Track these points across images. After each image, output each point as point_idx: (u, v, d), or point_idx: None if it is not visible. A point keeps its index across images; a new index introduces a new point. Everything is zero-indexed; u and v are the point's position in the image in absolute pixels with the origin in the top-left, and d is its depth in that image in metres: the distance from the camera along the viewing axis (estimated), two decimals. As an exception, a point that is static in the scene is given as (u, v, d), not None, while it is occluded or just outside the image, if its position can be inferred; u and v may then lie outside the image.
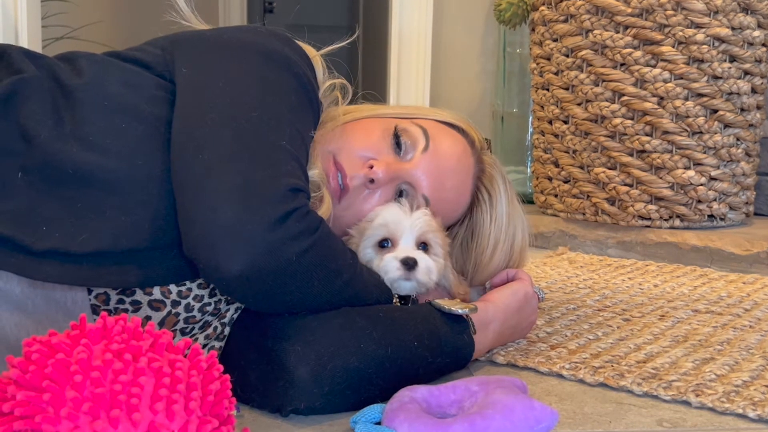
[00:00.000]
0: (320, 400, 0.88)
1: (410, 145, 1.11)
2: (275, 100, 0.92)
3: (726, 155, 2.10)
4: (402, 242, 1.05)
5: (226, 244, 0.79)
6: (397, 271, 1.03)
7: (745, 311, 1.46)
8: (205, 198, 0.81)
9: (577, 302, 1.49)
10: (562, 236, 2.19)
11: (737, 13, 2.04)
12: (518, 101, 2.90)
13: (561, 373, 1.08)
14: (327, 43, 1.14)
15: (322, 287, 0.88)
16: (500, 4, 2.64)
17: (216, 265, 0.80)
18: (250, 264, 0.80)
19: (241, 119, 0.88)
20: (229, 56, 0.96)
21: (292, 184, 0.84)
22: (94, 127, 0.87)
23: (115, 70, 0.95)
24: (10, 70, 0.90)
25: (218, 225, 0.79)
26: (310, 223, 0.85)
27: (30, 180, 0.82)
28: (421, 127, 1.13)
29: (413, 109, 1.21)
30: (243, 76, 0.93)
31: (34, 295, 0.82)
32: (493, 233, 1.19)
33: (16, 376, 0.62)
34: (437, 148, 1.12)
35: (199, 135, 0.87)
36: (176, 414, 0.62)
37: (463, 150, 1.17)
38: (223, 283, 0.83)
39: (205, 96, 0.91)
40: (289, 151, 0.88)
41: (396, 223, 1.03)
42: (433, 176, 1.11)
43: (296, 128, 0.92)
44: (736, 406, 0.97)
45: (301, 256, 0.83)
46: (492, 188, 1.19)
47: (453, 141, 1.16)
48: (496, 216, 1.19)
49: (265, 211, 0.80)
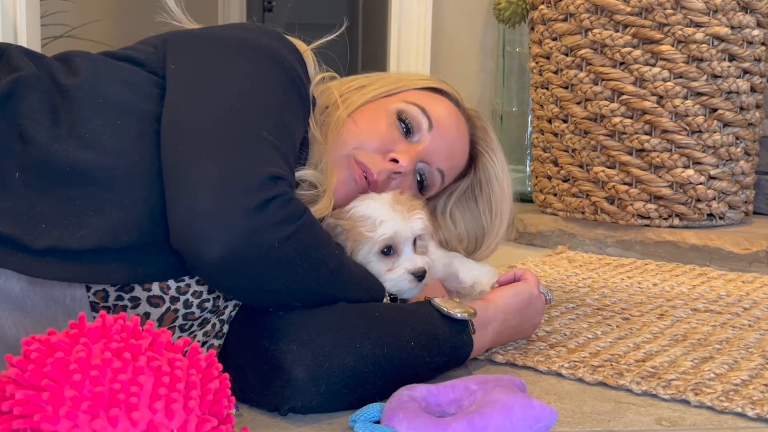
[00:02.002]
0: (317, 399, 0.89)
1: (416, 127, 1.16)
2: (260, 93, 0.93)
3: (725, 154, 2.10)
4: (405, 250, 1.05)
5: (206, 231, 0.80)
6: (409, 283, 1.04)
7: (744, 310, 1.46)
8: (185, 188, 0.83)
9: (576, 301, 1.49)
10: (561, 235, 2.19)
11: (736, 12, 2.04)
12: (517, 100, 2.90)
13: (560, 371, 1.08)
14: (327, 42, 1.15)
15: (307, 276, 0.88)
16: (500, 3, 2.64)
17: (197, 253, 0.81)
18: (231, 249, 0.80)
19: (224, 110, 0.89)
20: (217, 51, 0.97)
21: (272, 173, 0.84)
22: (91, 124, 0.88)
23: (109, 69, 0.95)
24: (9, 68, 0.91)
25: (198, 213, 0.80)
26: (293, 210, 0.85)
27: (28, 179, 0.83)
28: (417, 106, 1.17)
29: (395, 81, 1.22)
30: (230, 71, 0.94)
31: (33, 293, 0.82)
32: (503, 175, 1.29)
33: (15, 374, 0.62)
34: (439, 123, 1.18)
35: (181, 127, 0.88)
36: (175, 413, 0.62)
37: (456, 114, 1.23)
38: (207, 272, 0.83)
39: (191, 90, 0.92)
40: (270, 141, 0.88)
41: (398, 233, 1.04)
42: (443, 150, 1.19)
43: (282, 120, 0.93)
44: (735, 405, 0.97)
45: (284, 243, 0.83)
46: (487, 137, 1.29)
47: (446, 110, 1.21)
48: (498, 159, 1.29)
49: (244, 198, 0.81)
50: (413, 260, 1.05)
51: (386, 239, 1.03)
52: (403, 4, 2.83)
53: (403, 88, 1.21)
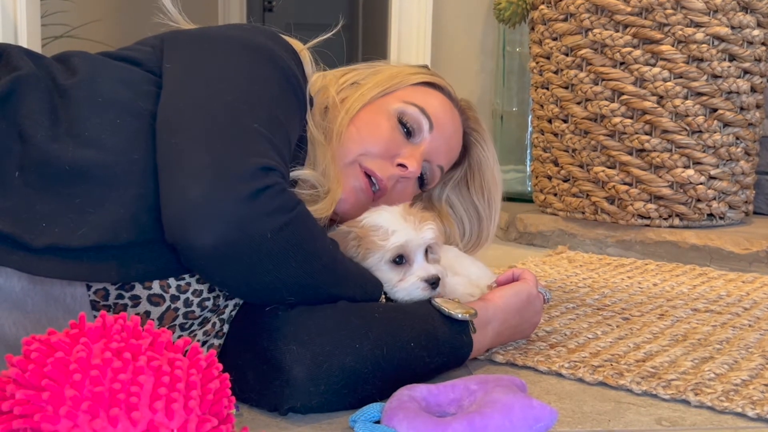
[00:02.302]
0: (317, 399, 0.89)
1: (417, 129, 1.18)
2: (254, 89, 0.93)
3: (725, 154, 2.10)
4: (417, 258, 1.06)
5: (198, 221, 0.80)
6: (423, 291, 1.04)
7: (745, 310, 1.46)
8: (176, 180, 0.83)
9: (576, 301, 1.49)
10: (561, 235, 2.19)
11: (737, 12, 2.04)
12: (518, 100, 2.90)
13: (560, 371, 1.08)
14: (327, 42, 1.15)
15: (301, 269, 0.88)
16: (500, 3, 2.64)
17: (189, 243, 0.81)
18: (222, 238, 0.80)
19: (216, 104, 0.89)
20: (213, 50, 0.98)
21: (264, 163, 0.84)
22: (90, 123, 0.88)
23: (107, 68, 0.96)
24: (8, 68, 0.91)
25: (189, 203, 0.80)
26: (286, 201, 0.85)
27: (27, 178, 0.83)
28: (417, 106, 1.18)
29: (390, 78, 1.21)
30: (224, 68, 0.95)
31: (33, 292, 0.82)
32: (494, 164, 1.32)
33: (16, 374, 0.62)
34: (438, 122, 1.19)
35: (174, 121, 0.89)
36: (175, 413, 0.62)
37: (451, 109, 1.24)
38: (200, 262, 0.83)
39: (185, 86, 0.93)
40: (262, 134, 0.89)
41: (410, 242, 1.04)
42: (443, 148, 1.22)
43: (275, 115, 0.93)
44: (735, 405, 0.97)
45: (276, 234, 0.83)
46: (479, 127, 1.32)
47: (442, 107, 1.22)
48: (489, 148, 1.33)
49: (235, 188, 0.81)
50: (426, 268, 1.05)
51: (398, 247, 1.04)
52: (403, 4, 2.83)
53: (398, 86, 1.21)
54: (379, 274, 1.04)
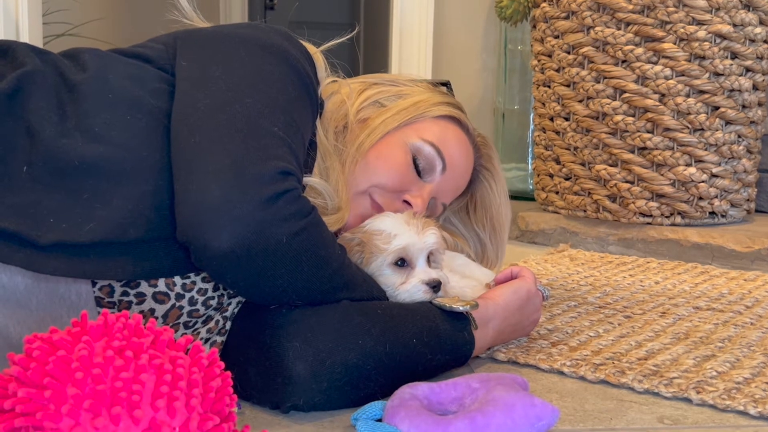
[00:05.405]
0: (319, 397, 0.89)
1: (429, 170, 1.18)
2: (271, 90, 0.93)
3: (727, 152, 2.10)
4: (419, 262, 1.06)
5: (216, 222, 0.80)
6: (424, 294, 1.05)
7: (747, 308, 1.46)
8: (195, 179, 0.82)
9: (578, 299, 1.49)
10: (563, 233, 2.19)
11: (739, 10, 2.04)
12: (519, 98, 2.90)
13: (562, 370, 1.08)
14: (327, 40, 1.15)
15: (312, 273, 0.88)
16: (501, 1, 2.64)
17: (205, 244, 0.81)
18: (240, 241, 0.80)
19: (235, 105, 0.89)
20: (228, 49, 0.97)
21: (282, 167, 0.84)
22: (99, 119, 0.88)
23: (118, 65, 0.95)
24: (15, 65, 0.91)
25: (208, 204, 0.80)
26: (302, 206, 0.85)
27: (35, 174, 0.82)
28: (434, 146, 1.17)
29: (413, 106, 1.20)
30: (240, 67, 0.94)
31: (38, 289, 0.82)
32: (503, 202, 1.32)
33: (18, 373, 0.62)
34: (451, 164, 1.19)
35: (192, 120, 0.88)
36: (177, 411, 0.62)
37: (467, 147, 1.24)
38: (213, 263, 0.83)
39: (202, 85, 0.92)
40: (281, 137, 0.88)
41: (412, 245, 1.05)
42: (451, 188, 1.23)
43: (292, 117, 0.93)
44: (737, 404, 0.97)
45: (292, 239, 0.83)
46: (490, 165, 1.32)
47: (458, 145, 1.21)
48: (499, 187, 1.32)
49: (255, 191, 0.81)
50: (427, 272, 1.06)
51: (399, 250, 1.04)
52: (405, 2, 2.82)
53: (420, 117, 1.19)
54: (381, 278, 1.04)
